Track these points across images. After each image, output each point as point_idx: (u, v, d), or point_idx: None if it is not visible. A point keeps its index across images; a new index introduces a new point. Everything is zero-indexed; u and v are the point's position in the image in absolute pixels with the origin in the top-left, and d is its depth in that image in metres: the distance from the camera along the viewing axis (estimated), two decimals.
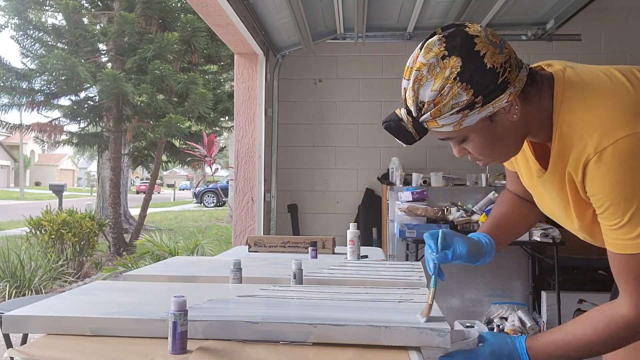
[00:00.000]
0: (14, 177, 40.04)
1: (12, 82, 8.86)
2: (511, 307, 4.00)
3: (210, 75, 10.77)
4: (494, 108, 1.02)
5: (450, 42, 1.01)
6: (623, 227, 1.00)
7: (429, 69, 1.01)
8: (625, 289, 1.04)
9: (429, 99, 1.02)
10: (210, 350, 1.11)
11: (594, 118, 1.00)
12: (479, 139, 1.06)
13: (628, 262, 1.02)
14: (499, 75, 1.00)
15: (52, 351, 1.09)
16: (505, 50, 1.02)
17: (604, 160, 0.97)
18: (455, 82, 0.99)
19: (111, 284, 1.69)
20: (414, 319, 1.22)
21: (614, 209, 1.00)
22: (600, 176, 0.99)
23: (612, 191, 0.98)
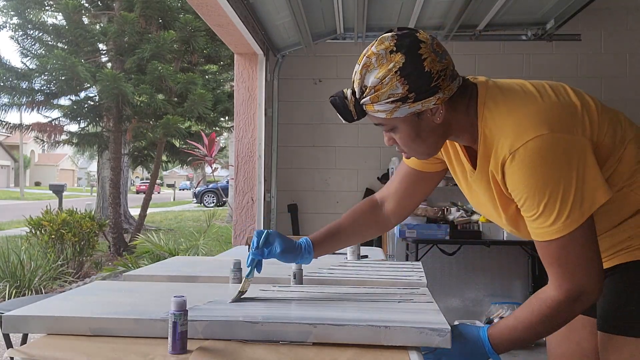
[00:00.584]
0: (14, 177, 40.05)
1: (12, 82, 8.86)
2: (511, 307, 4.00)
3: (210, 76, 10.77)
4: (422, 107, 1.16)
5: (400, 40, 1.15)
6: (540, 217, 1.13)
7: (377, 59, 1.16)
8: (550, 272, 1.16)
9: (371, 84, 1.16)
10: (210, 350, 1.11)
11: (508, 123, 1.14)
12: (405, 130, 1.21)
13: (548, 247, 1.14)
14: (433, 80, 1.14)
15: (52, 351, 1.09)
16: (444, 61, 1.16)
17: (517, 159, 1.11)
18: (396, 75, 1.13)
19: (111, 284, 1.69)
20: (414, 319, 1.22)
21: (530, 201, 1.13)
22: (515, 173, 1.13)
23: (526, 185, 1.12)
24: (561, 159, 1.09)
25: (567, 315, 1.17)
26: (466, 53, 4.65)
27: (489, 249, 4.08)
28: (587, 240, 1.12)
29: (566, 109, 1.16)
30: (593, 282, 1.13)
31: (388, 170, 4.54)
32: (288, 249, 1.42)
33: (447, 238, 3.92)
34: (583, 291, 1.13)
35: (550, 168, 1.09)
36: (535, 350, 3.74)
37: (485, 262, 4.34)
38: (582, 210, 1.10)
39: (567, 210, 1.10)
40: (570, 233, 1.11)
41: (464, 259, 4.37)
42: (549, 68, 4.63)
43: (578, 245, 1.12)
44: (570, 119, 1.14)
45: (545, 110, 1.14)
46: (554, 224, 1.11)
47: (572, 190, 1.09)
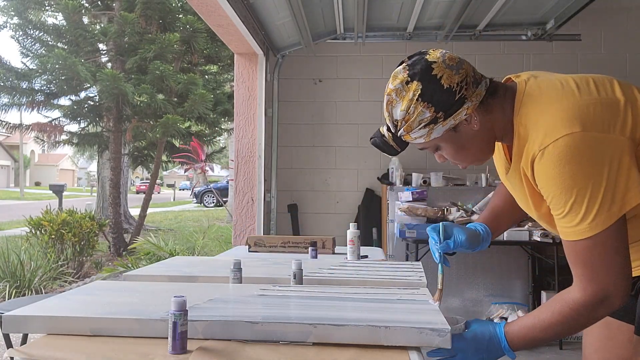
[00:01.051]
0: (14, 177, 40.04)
1: (12, 82, 8.86)
2: (511, 307, 4.00)
3: (210, 76, 10.76)
4: (455, 121, 1.19)
5: (412, 69, 1.19)
6: (566, 216, 1.12)
7: (396, 93, 1.20)
8: (575, 273, 1.15)
9: (400, 117, 1.20)
10: (210, 350, 1.11)
11: (542, 120, 1.14)
12: (449, 147, 1.24)
13: (574, 247, 1.13)
14: (456, 93, 1.17)
15: (52, 351, 1.09)
16: (461, 71, 1.18)
17: (545, 156, 1.11)
18: (419, 102, 1.17)
19: (111, 284, 1.69)
20: (414, 319, 1.22)
21: (556, 200, 1.12)
22: (543, 170, 1.12)
23: (553, 184, 1.11)
24: (592, 158, 1.07)
25: (589, 318, 1.15)
26: (466, 53, 4.65)
27: (489, 249, 4.07)
28: (615, 243, 1.10)
29: (606, 106, 1.13)
30: (618, 286, 1.11)
31: (388, 171, 4.54)
32: (470, 237, 1.41)
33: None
34: (608, 295, 1.11)
35: (580, 167, 1.08)
36: (535, 350, 3.74)
37: (485, 262, 4.34)
38: (611, 213, 1.08)
39: (595, 211, 1.08)
40: (597, 234, 1.09)
41: (464, 259, 4.37)
42: (549, 68, 4.58)
43: (605, 248, 1.10)
44: (609, 116, 1.11)
45: (581, 107, 1.12)
46: (580, 224, 1.10)
47: (601, 191, 1.07)
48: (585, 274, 1.12)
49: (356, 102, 4.71)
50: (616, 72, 4.60)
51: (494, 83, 1.24)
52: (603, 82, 1.18)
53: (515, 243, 3.91)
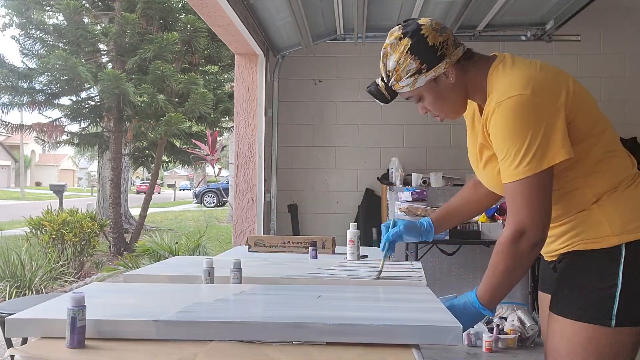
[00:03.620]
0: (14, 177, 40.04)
1: (13, 82, 8.86)
2: (510, 306, 4.00)
3: (210, 76, 10.76)
4: (435, 73, 1.42)
5: (405, 28, 1.45)
6: (505, 161, 1.33)
7: (391, 47, 1.46)
8: (507, 213, 1.36)
9: (392, 67, 1.45)
10: (218, 351, 1.12)
11: (504, 81, 1.36)
12: (430, 96, 1.46)
13: (509, 188, 1.34)
14: (438, 50, 1.41)
15: (52, 351, 1.10)
16: (444, 34, 1.43)
17: (499, 110, 1.33)
18: (407, 55, 1.42)
19: (110, 285, 1.70)
20: (424, 317, 1.26)
21: (500, 146, 1.34)
22: (495, 121, 1.34)
23: (500, 133, 1.33)
24: (533, 117, 1.29)
25: (517, 252, 1.32)
26: None
27: (488, 249, 4.08)
28: (539, 188, 1.30)
29: (556, 83, 1.36)
30: (535, 223, 1.31)
31: (388, 171, 4.54)
32: (411, 228, 1.71)
33: (447, 238, 3.93)
34: (525, 228, 1.31)
35: (522, 122, 1.29)
36: (535, 350, 3.75)
37: (485, 262, 4.30)
38: (542, 162, 1.29)
39: (529, 158, 1.29)
40: (526, 178, 1.30)
41: (464, 259, 4.38)
42: None
43: (530, 189, 1.30)
44: (555, 91, 1.34)
45: (537, 78, 1.34)
46: (516, 167, 1.30)
47: (536, 143, 1.28)
48: (511, 211, 1.34)
49: (356, 103, 4.72)
50: (616, 72, 4.61)
51: (470, 51, 1.48)
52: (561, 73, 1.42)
53: None
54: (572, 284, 1.40)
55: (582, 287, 1.38)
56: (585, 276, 1.38)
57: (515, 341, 3.75)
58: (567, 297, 1.40)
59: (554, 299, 1.45)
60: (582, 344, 1.35)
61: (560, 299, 1.43)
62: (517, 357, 3.62)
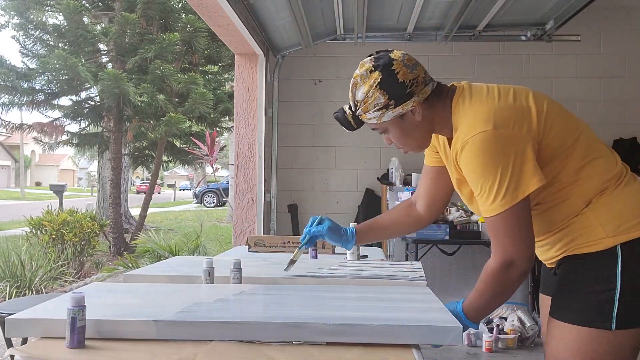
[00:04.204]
0: (14, 177, 40.04)
1: (13, 82, 8.86)
2: (510, 307, 4.00)
3: (210, 76, 10.76)
4: (402, 110, 1.42)
5: (377, 61, 1.43)
6: (481, 197, 1.35)
7: (361, 78, 1.45)
8: (492, 244, 1.38)
9: (360, 98, 1.44)
10: (218, 351, 1.12)
11: (466, 118, 1.38)
12: (395, 131, 1.48)
13: (490, 222, 1.36)
14: (407, 88, 1.40)
15: (52, 351, 1.10)
16: (415, 71, 1.42)
17: (466, 149, 1.34)
18: (377, 89, 1.41)
19: (110, 285, 1.70)
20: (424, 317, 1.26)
21: (474, 183, 1.36)
22: (464, 160, 1.36)
23: (472, 170, 1.35)
24: (500, 150, 1.31)
25: (504, 282, 1.36)
26: (466, 54, 4.66)
27: (488, 249, 4.07)
28: (519, 219, 1.33)
29: (517, 111, 1.36)
30: (521, 254, 1.33)
31: (388, 171, 4.55)
32: (335, 230, 1.73)
33: (447, 238, 3.92)
34: (512, 260, 1.33)
35: (490, 157, 1.31)
36: (535, 350, 3.75)
37: (485, 262, 4.34)
38: (516, 194, 1.30)
39: (503, 192, 1.30)
40: (504, 211, 1.32)
41: (464, 259, 4.37)
42: (549, 68, 4.63)
43: (510, 222, 1.33)
44: (519, 119, 1.34)
45: (496, 110, 1.35)
46: (492, 202, 1.32)
47: (507, 176, 1.30)
48: (496, 243, 1.36)
49: None
50: (615, 73, 4.61)
51: (440, 86, 1.48)
52: (520, 92, 1.42)
53: None
54: (571, 289, 1.40)
55: (580, 291, 1.38)
56: (583, 280, 1.38)
57: (515, 341, 3.75)
58: (567, 301, 1.41)
59: (554, 304, 1.45)
60: (581, 348, 1.35)
61: (559, 303, 1.43)
62: (517, 357, 3.62)
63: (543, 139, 1.36)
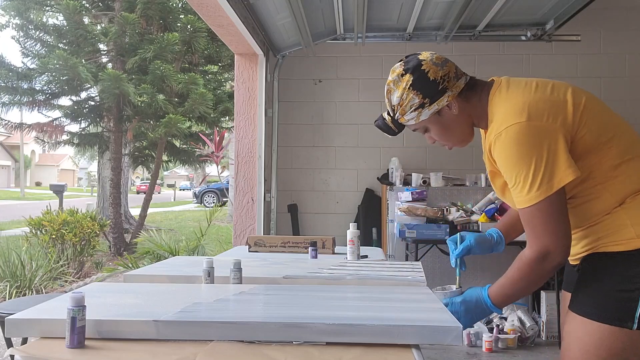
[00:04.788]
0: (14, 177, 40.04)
1: (13, 82, 8.86)
2: (511, 306, 4.01)
3: (210, 76, 10.76)
4: (438, 106, 1.47)
5: (406, 65, 1.49)
6: (516, 188, 1.36)
7: (394, 83, 1.50)
8: (527, 235, 1.39)
9: (396, 102, 1.50)
10: (218, 351, 1.12)
11: (502, 110, 1.40)
12: (435, 128, 1.52)
13: (524, 213, 1.37)
14: (439, 84, 1.46)
15: (52, 351, 1.10)
16: (445, 67, 1.47)
17: (499, 140, 1.37)
18: (410, 90, 1.47)
19: (110, 285, 1.70)
20: (424, 317, 1.26)
21: (509, 174, 1.37)
22: (498, 151, 1.38)
23: (505, 162, 1.37)
24: (533, 142, 1.32)
25: (539, 271, 1.37)
26: (466, 53, 4.66)
27: None
28: (555, 209, 1.33)
29: (552, 103, 1.37)
30: (558, 244, 1.34)
31: (388, 171, 4.55)
32: (481, 241, 1.70)
33: (447, 238, 3.91)
34: (549, 251, 1.34)
35: (524, 149, 1.33)
36: (535, 350, 3.75)
37: (485, 262, 4.35)
38: (552, 184, 1.31)
39: (538, 182, 1.32)
40: (540, 202, 1.32)
41: (467, 259, 4.36)
42: (548, 68, 4.63)
43: (546, 213, 1.33)
44: (554, 111, 1.35)
45: (531, 102, 1.37)
46: (527, 194, 1.33)
47: (542, 167, 1.31)
48: (532, 234, 1.36)
49: (356, 103, 4.72)
50: (615, 73, 4.61)
51: (473, 79, 1.51)
52: (559, 87, 1.42)
53: (515, 243, 3.89)
54: (593, 285, 1.41)
55: (603, 288, 1.38)
56: (607, 277, 1.38)
57: (515, 341, 3.75)
58: (587, 296, 1.41)
59: (574, 298, 1.46)
60: (595, 343, 1.36)
61: (579, 298, 1.44)
62: (517, 357, 3.62)
63: (577, 133, 1.36)
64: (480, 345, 3.72)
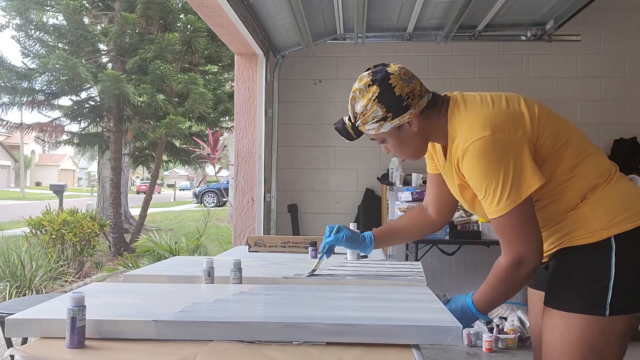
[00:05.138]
0: (14, 177, 40.04)
1: (13, 82, 8.86)
2: (510, 306, 4.00)
3: (210, 76, 10.76)
4: (399, 122, 1.49)
5: (374, 75, 1.50)
6: (486, 200, 1.41)
7: (359, 92, 1.51)
8: (500, 244, 1.44)
9: (359, 111, 1.51)
10: (218, 351, 1.12)
11: (464, 126, 1.44)
12: (392, 141, 1.55)
13: (496, 223, 1.42)
14: (404, 101, 1.47)
15: (52, 351, 1.10)
16: (411, 84, 1.49)
17: (467, 156, 1.41)
18: (375, 102, 1.48)
19: (110, 285, 1.70)
20: (424, 317, 1.26)
21: (478, 187, 1.42)
22: (466, 166, 1.42)
23: (474, 175, 1.41)
24: (499, 154, 1.37)
25: (515, 278, 1.41)
26: (465, 54, 4.66)
27: (488, 249, 4.09)
28: (525, 217, 1.38)
29: (511, 116, 1.43)
30: (530, 249, 1.38)
31: (388, 171, 4.55)
32: (352, 238, 1.79)
33: (447, 238, 3.92)
34: (522, 257, 1.38)
35: (491, 162, 1.37)
36: None
37: (485, 262, 4.35)
38: (519, 193, 1.37)
39: (507, 193, 1.37)
40: (510, 211, 1.37)
41: (464, 259, 4.38)
42: (549, 68, 4.63)
43: (517, 222, 1.38)
44: (513, 123, 1.41)
45: (492, 116, 1.42)
46: (497, 204, 1.38)
47: (509, 178, 1.36)
48: (505, 243, 1.41)
49: None
50: (615, 72, 4.61)
51: (435, 96, 1.54)
52: (512, 99, 1.49)
53: None
54: (565, 279, 1.46)
55: (575, 281, 1.44)
56: (578, 270, 1.44)
57: (515, 341, 3.75)
58: (561, 290, 1.46)
59: (549, 294, 1.50)
60: (576, 335, 1.41)
61: (554, 293, 1.49)
62: (517, 357, 3.62)
63: (537, 141, 1.43)
64: (480, 345, 3.72)
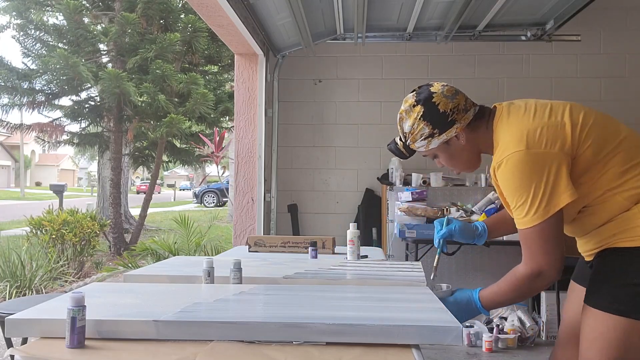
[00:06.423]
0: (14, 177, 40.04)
1: (13, 82, 8.86)
2: (510, 307, 4.00)
3: (210, 76, 10.76)
4: (447, 137, 1.58)
5: (418, 96, 1.59)
6: (516, 210, 1.47)
7: (406, 113, 1.61)
8: (523, 253, 1.49)
9: (407, 131, 1.61)
10: (218, 351, 1.12)
11: (502, 139, 1.51)
12: (443, 155, 1.64)
13: (522, 234, 1.48)
14: (449, 116, 1.56)
15: (52, 351, 1.10)
16: (455, 100, 1.57)
17: (501, 167, 1.48)
18: (421, 121, 1.57)
19: (110, 285, 1.70)
20: (424, 317, 1.26)
21: (510, 198, 1.48)
22: (500, 177, 1.50)
23: (507, 187, 1.48)
24: (532, 169, 1.42)
25: (530, 288, 1.48)
26: (466, 53, 4.66)
27: (488, 249, 4.09)
28: (551, 232, 1.43)
29: (551, 128, 1.46)
30: (551, 265, 1.44)
31: (388, 171, 4.54)
32: (466, 229, 1.81)
33: None
34: (542, 271, 1.44)
35: (524, 175, 1.43)
36: (535, 350, 3.75)
37: (485, 262, 4.35)
38: (548, 208, 1.42)
39: (535, 207, 1.42)
40: (536, 225, 1.43)
41: (464, 259, 4.38)
42: (549, 68, 4.63)
43: (543, 235, 1.43)
44: (552, 137, 1.45)
45: (529, 129, 1.46)
46: (525, 216, 1.44)
47: (540, 192, 1.41)
48: (528, 254, 1.47)
49: (356, 103, 4.72)
50: (615, 73, 4.61)
51: (482, 109, 1.61)
52: (557, 108, 1.52)
53: (514, 243, 3.90)
54: (608, 279, 1.48)
55: (618, 282, 1.46)
56: (622, 272, 1.46)
57: (515, 341, 3.75)
58: (603, 291, 1.48)
59: (590, 292, 1.53)
60: (615, 336, 1.43)
61: (596, 292, 1.51)
62: (517, 357, 3.62)
63: (578, 150, 1.45)
64: (480, 345, 3.72)
